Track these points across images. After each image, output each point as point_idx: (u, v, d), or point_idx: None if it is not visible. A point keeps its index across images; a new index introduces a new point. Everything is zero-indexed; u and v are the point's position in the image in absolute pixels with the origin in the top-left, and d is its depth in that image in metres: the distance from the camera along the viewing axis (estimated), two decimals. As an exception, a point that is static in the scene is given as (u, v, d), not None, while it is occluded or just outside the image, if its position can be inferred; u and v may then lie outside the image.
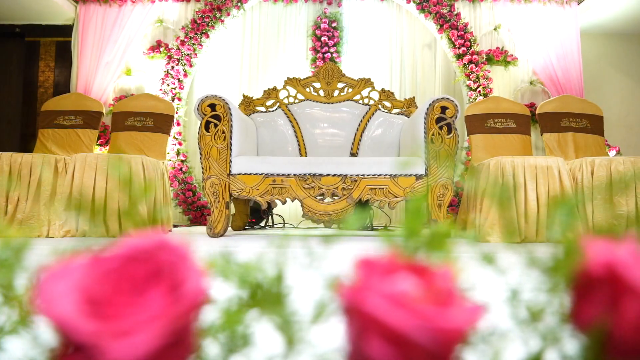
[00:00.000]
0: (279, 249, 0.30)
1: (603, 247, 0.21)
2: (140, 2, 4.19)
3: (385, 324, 0.18)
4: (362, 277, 0.20)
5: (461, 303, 0.20)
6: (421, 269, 0.21)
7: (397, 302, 0.19)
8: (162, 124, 3.21)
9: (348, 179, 2.66)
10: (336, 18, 4.17)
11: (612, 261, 0.20)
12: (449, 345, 0.18)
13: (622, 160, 2.53)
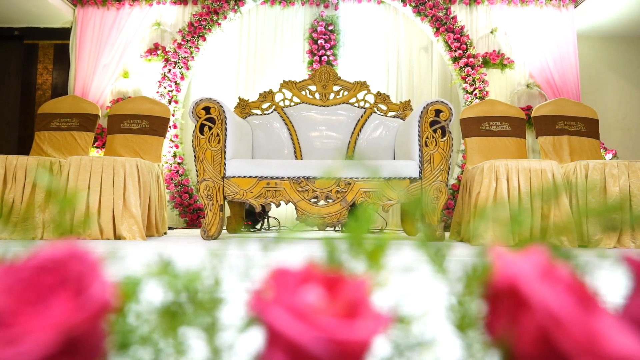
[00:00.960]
0: (215, 257, 0.30)
1: (510, 258, 0.21)
2: (137, 5, 4.21)
3: (285, 335, 0.19)
4: (270, 287, 0.20)
5: (368, 314, 0.20)
6: (335, 280, 0.22)
7: (297, 314, 0.19)
8: (158, 126, 3.22)
9: (342, 181, 2.66)
10: (333, 21, 4.18)
11: (513, 274, 0.20)
12: (350, 357, 0.19)
13: (617, 164, 2.52)
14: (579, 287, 0.20)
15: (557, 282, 0.19)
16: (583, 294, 0.20)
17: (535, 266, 0.20)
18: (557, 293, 0.18)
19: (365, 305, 0.20)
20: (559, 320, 0.17)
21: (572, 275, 0.20)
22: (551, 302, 0.18)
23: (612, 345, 0.17)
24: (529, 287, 0.19)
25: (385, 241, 0.32)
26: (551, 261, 0.21)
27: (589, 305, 0.19)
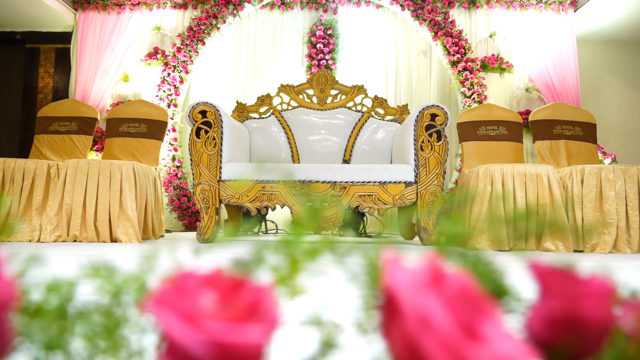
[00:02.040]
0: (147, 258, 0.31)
1: (396, 264, 0.21)
2: (138, 9, 4.24)
3: (172, 338, 0.19)
4: (167, 290, 0.21)
5: (262, 318, 0.20)
6: (238, 284, 0.22)
7: (185, 317, 0.19)
8: (156, 130, 3.24)
9: (337, 185, 2.67)
10: (332, 25, 4.20)
11: (391, 281, 0.20)
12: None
13: (613, 169, 2.52)
14: (468, 293, 0.20)
15: (439, 289, 0.20)
16: (471, 300, 0.20)
17: (416, 273, 0.20)
18: (430, 301, 0.19)
19: (261, 310, 0.21)
20: (422, 330, 0.18)
21: (464, 281, 0.21)
22: (416, 312, 0.18)
23: (477, 354, 0.17)
24: (400, 295, 0.19)
25: (320, 246, 0.32)
26: (444, 267, 0.21)
27: (474, 312, 0.20)
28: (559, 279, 0.24)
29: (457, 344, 0.17)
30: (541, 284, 0.24)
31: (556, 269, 0.25)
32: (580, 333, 0.22)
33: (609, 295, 0.23)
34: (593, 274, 0.24)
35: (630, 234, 2.45)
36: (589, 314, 0.22)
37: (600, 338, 0.23)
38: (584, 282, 0.24)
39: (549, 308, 0.23)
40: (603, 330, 0.22)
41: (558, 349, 0.23)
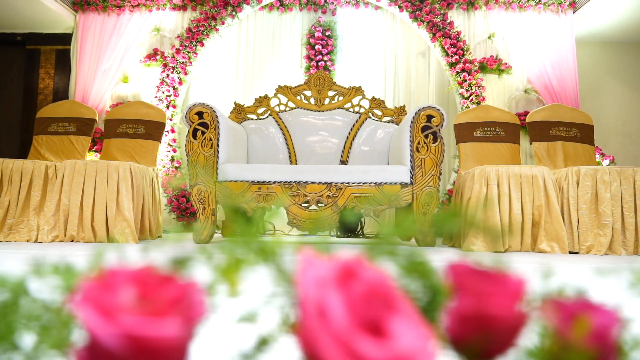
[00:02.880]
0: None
1: (307, 262, 0.22)
2: (138, 11, 4.26)
3: (90, 330, 0.20)
4: (92, 285, 0.22)
5: (182, 313, 0.21)
6: (165, 280, 0.23)
7: (102, 311, 0.20)
8: (154, 131, 3.25)
9: (333, 186, 2.67)
10: (330, 27, 4.20)
11: (300, 277, 0.21)
12: (157, 356, 0.20)
13: (608, 170, 2.51)
14: (379, 291, 0.21)
15: (345, 286, 0.20)
16: (381, 297, 0.21)
17: (324, 270, 0.21)
18: (327, 296, 0.19)
19: (183, 305, 0.21)
20: (319, 325, 0.18)
21: (378, 278, 0.21)
22: (313, 306, 0.19)
23: (366, 350, 0.17)
24: (302, 290, 0.20)
25: (268, 247, 0.33)
26: (360, 265, 0.22)
27: (383, 308, 0.20)
28: (473, 278, 0.25)
29: (351, 339, 0.18)
30: (455, 284, 0.25)
31: (472, 269, 0.25)
32: (489, 330, 0.23)
33: (519, 294, 0.24)
34: (509, 274, 0.25)
35: (625, 236, 2.45)
36: (497, 311, 0.23)
37: (510, 335, 0.23)
38: (498, 281, 0.24)
39: (461, 306, 0.24)
40: (512, 327, 0.23)
41: (470, 346, 0.23)
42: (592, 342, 0.24)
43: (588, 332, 0.24)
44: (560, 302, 0.26)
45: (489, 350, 0.23)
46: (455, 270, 0.26)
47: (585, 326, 0.24)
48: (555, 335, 0.24)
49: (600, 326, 0.24)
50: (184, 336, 0.21)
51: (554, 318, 0.24)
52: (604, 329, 0.24)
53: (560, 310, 0.25)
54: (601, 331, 0.24)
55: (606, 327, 0.24)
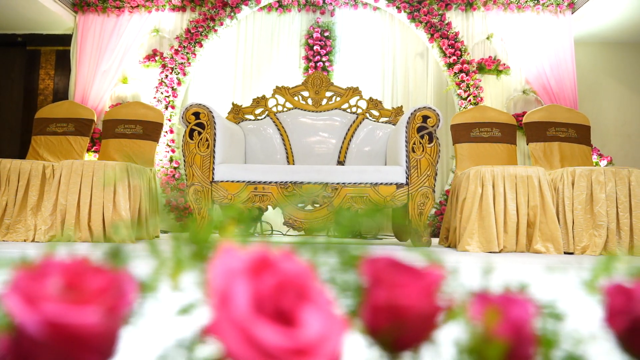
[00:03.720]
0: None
1: (224, 254, 0.23)
2: (137, 12, 4.28)
3: (15, 318, 0.21)
4: (22, 275, 0.23)
5: (107, 302, 0.22)
6: (97, 271, 0.24)
7: (27, 299, 0.21)
8: (152, 131, 3.27)
9: (329, 187, 2.68)
10: (329, 27, 4.21)
11: (213, 268, 0.22)
12: (82, 342, 0.20)
13: (603, 171, 2.51)
14: (294, 282, 0.22)
15: (257, 276, 0.21)
16: (295, 287, 0.21)
17: (238, 260, 0.21)
18: (231, 285, 0.20)
19: (110, 295, 0.22)
20: (222, 313, 0.19)
21: (295, 270, 0.22)
22: (218, 295, 0.20)
23: (266, 338, 0.18)
24: (211, 280, 0.20)
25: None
26: (273, 258, 0.22)
27: (296, 298, 0.21)
28: (389, 271, 0.25)
29: (251, 326, 0.19)
30: (372, 276, 0.26)
31: (392, 263, 0.26)
32: (401, 321, 0.23)
33: (433, 287, 0.25)
34: (428, 267, 0.25)
35: (620, 236, 2.44)
36: (408, 303, 0.24)
37: (423, 326, 0.24)
38: (414, 275, 0.25)
39: (375, 298, 0.25)
40: (424, 319, 0.24)
41: (386, 336, 0.24)
42: (509, 333, 0.25)
43: (499, 322, 0.24)
44: (484, 296, 0.26)
45: (404, 341, 0.24)
46: (374, 264, 0.27)
47: (495, 317, 0.24)
48: (475, 326, 0.24)
49: (517, 318, 0.25)
50: (109, 325, 0.22)
51: (476, 311, 0.25)
52: (521, 320, 0.25)
53: (482, 303, 0.26)
54: (518, 322, 0.25)
55: (523, 319, 0.25)
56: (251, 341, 0.18)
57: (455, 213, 2.75)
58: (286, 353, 0.19)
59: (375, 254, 0.27)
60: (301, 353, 0.19)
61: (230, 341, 0.19)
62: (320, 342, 0.19)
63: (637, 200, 2.45)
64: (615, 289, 0.28)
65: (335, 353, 0.20)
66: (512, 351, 0.24)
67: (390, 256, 0.27)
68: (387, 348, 0.25)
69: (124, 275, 0.24)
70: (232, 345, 0.18)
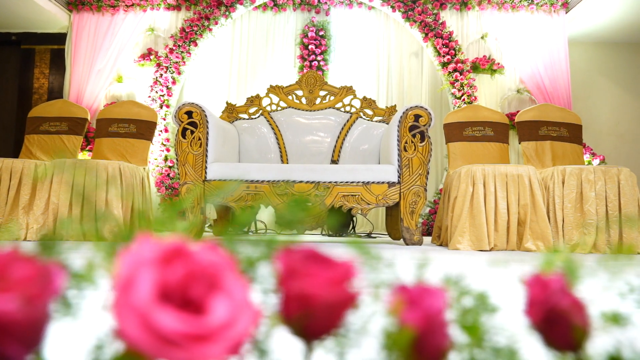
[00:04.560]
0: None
1: (135, 245, 0.24)
2: (132, 10, 4.29)
3: None
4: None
5: (29, 291, 0.23)
6: (25, 261, 0.24)
7: None
8: (145, 130, 3.27)
9: (321, 185, 2.69)
10: (324, 27, 4.22)
11: (122, 258, 0.23)
12: (4, 330, 0.21)
13: (593, 170, 2.52)
14: (206, 271, 0.22)
15: (166, 265, 0.22)
16: (206, 277, 0.22)
17: (147, 250, 0.22)
18: (135, 273, 0.21)
19: (34, 285, 0.23)
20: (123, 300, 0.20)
21: (208, 260, 0.23)
22: (121, 283, 0.21)
23: (163, 324, 0.19)
24: (119, 269, 0.21)
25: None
26: (187, 248, 0.23)
27: (207, 287, 0.22)
28: (302, 262, 0.26)
29: (149, 313, 0.20)
30: (285, 267, 0.26)
31: (306, 254, 0.27)
32: (312, 309, 0.24)
33: (343, 277, 0.25)
34: (345, 260, 0.26)
35: (610, 235, 2.46)
36: (317, 292, 0.24)
37: (334, 315, 0.25)
38: (326, 266, 0.26)
39: (287, 287, 0.26)
40: (334, 307, 0.25)
41: (295, 324, 0.25)
42: (420, 322, 0.25)
43: (411, 311, 0.25)
44: (402, 287, 0.27)
45: (316, 328, 0.25)
46: (289, 255, 0.27)
47: (401, 306, 0.25)
48: (392, 316, 0.25)
49: (429, 308, 0.26)
50: (33, 313, 0.22)
51: (391, 301, 0.26)
52: (433, 310, 0.26)
53: (399, 294, 0.27)
54: (429, 312, 0.26)
55: (436, 309, 0.26)
56: (149, 326, 0.19)
57: (447, 212, 2.76)
58: (185, 338, 0.19)
59: (296, 246, 0.28)
60: (201, 339, 0.20)
61: (129, 326, 0.19)
62: (223, 329, 0.20)
63: (626, 199, 2.47)
64: (534, 281, 0.28)
65: (238, 339, 0.20)
66: (424, 340, 0.25)
67: (310, 248, 0.28)
68: (303, 336, 0.25)
69: (52, 266, 0.25)
70: (130, 331, 0.19)
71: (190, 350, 0.19)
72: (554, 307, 0.27)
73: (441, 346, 0.25)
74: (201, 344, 0.20)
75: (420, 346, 0.25)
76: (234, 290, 0.22)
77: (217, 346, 0.20)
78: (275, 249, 0.28)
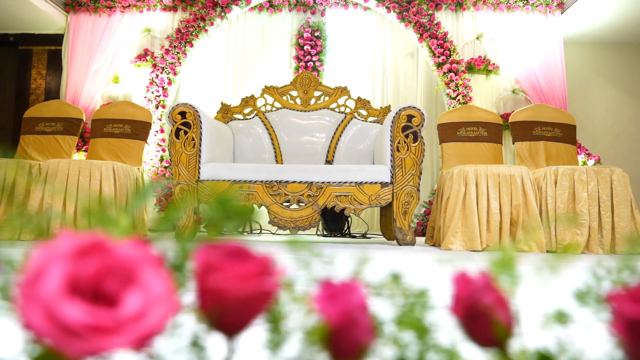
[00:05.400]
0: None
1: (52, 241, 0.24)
2: (128, 11, 4.30)
3: None
4: None
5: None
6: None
7: None
8: (140, 130, 3.28)
9: (314, 186, 2.70)
10: (319, 27, 4.23)
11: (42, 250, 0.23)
12: None
13: (586, 170, 2.53)
14: (128, 266, 0.23)
15: (82, 260, 0.22)
16: (126, 272, 0.23)
17: (62, 245, 0.23)
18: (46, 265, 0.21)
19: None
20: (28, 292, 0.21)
21: (127, 254, 0.23)
22: (31, 275, 0.21)
23: (66, 316, 0.20)
24: (31, 263, 0.22)
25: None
26: (106, 243, 0.24)
27: (125, 281, 0.22)
28: (219, 257, 0.27)
29: (54, 304, 0.20)
30: (202, 264, 0.27)
31: (226, 250, 0.27)
32: (227, 303, 0.25)
33: (258, 272, 0.26)
34: (263, 254, 0.27)
35: (602, 235, 2.46)
36: (229, 286, 0.25)
37: (246, 309, 0.25)
38: (244, 261, 0.26)
39: (202, 282, 0.26)
40: (246, 301, 0.25)
41: (210, 318, 0.25)
42: (339, 318, 0.26)
43: (331, 307, 0.26)
44: (327, 284, 0.28)
45: (232, 323, 0.26)
46: (207, 251, 0.28)
47: (316, 300, 0.26)
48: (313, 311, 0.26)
49: (349, 304, 0.26)
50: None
51: (315, 298, 0.27)
52: (353, 306, 0.26)
53: (324, 290, 0.27)
54: (349, 308, 0.26)
55: (356, 305, 0.26)
56: (53, 318, 0.20)
57: (439, 212, 2.77)
58: (88, 330, 0.20)
59: (221, 243, 0.28)
60: (106, 331, 0.20)
61: (34, 318, 0.20)
62: (131, 322, 0.21)
63: (618, 199, 2.47)
64: (459, 278, 0.29)
65: (148, 332, 0.21)
66: (343, 334, 0.26)
67: (234, 245, 0.28)
68: (222, 330, 0.26)
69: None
70: (35, 322, 0.20)
71: (93, 341, 0.20)
72: (476, 304, 0.27)
73: (361, 341, 0.26)
74: (106, 336, 0.20)
75: (339, 340, 0.26)
76: (151, 285, 0.23)
77: (122, 338, 0.20)
78: (199, 245, 0.29)
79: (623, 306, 0.27)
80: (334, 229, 3.66)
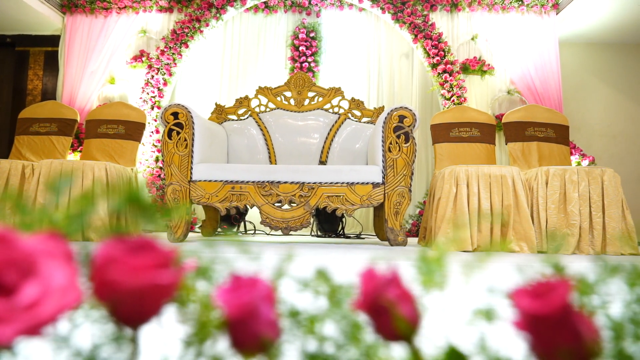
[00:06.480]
0: None
1: None
2: (125, 13, 4.31)
3: None
4: None
5: None
6: None
7: None
8: (134, 131, 3.29)
9: (305, 186, 2.70)
10: (315, 28, 4.24)
11: None
12: None
13: (577, 170, 2.53)
14: (30, 260, 0.24)
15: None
16: (27, 265, 0.24)
17: None
18: None
19: None
20: None
21: (31, 248, 0.24)
22: None
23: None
24: None
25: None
26: (18, 236, 0.25)
27: (25, 274, 0.23)
28: (123, 251, 0.27)
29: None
30: (103, 257, 0.28)
31: (131, 243, 0.28)
32: (120, 295, 0.26)
33: (156, 265, 0.27)
34: (169, 249, 0.28)
35: (593, 235, 2.46)
36: (124, 278, 0.26)
37: (145, 301, 0.26)
38: (146, 254, 0.27)
39: (99, 274, 0.27)
40: (144, 293, 0.26)
41: (108, 310, 0.26)
42: (237, 310, 0.27)
43: (230, 299, 0.27)
44: (236, 277, 0.29)
45: (132, 315, 0.26)
46: (110, 245, 0.29)
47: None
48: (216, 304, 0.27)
49: (248, 297, 0.27)
50: None
51: (220, 292, 0.27)
52: (251, 299, 0.27)
53: (231, 284, 0.28)
54: (247, 301, 0.27)
55: (255, 299, 0.27)
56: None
57: (431, 212, 2.77)
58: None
59: (127, 237, 0.29)
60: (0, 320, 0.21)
61: None
62: (22, 312, 0.22)
63: (609, 200, 2.47)
64: (366, 274, 0.30)
65: (40, 322, 0.22)
66: (242, 327, 0.27)
67: (142, 238, 0.29)
68: (123, 322, 0.27)
69: None
70: None
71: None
72: (380, 299, 0.28)
73: (262, 333, 0.27)
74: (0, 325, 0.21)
75: (238, 333, 0.26)
76: (51, 276, 0.23)
77: (16, 327, 0.21)
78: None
79: (522, 302, 0.28)
80: (328, 230, 3.67)
